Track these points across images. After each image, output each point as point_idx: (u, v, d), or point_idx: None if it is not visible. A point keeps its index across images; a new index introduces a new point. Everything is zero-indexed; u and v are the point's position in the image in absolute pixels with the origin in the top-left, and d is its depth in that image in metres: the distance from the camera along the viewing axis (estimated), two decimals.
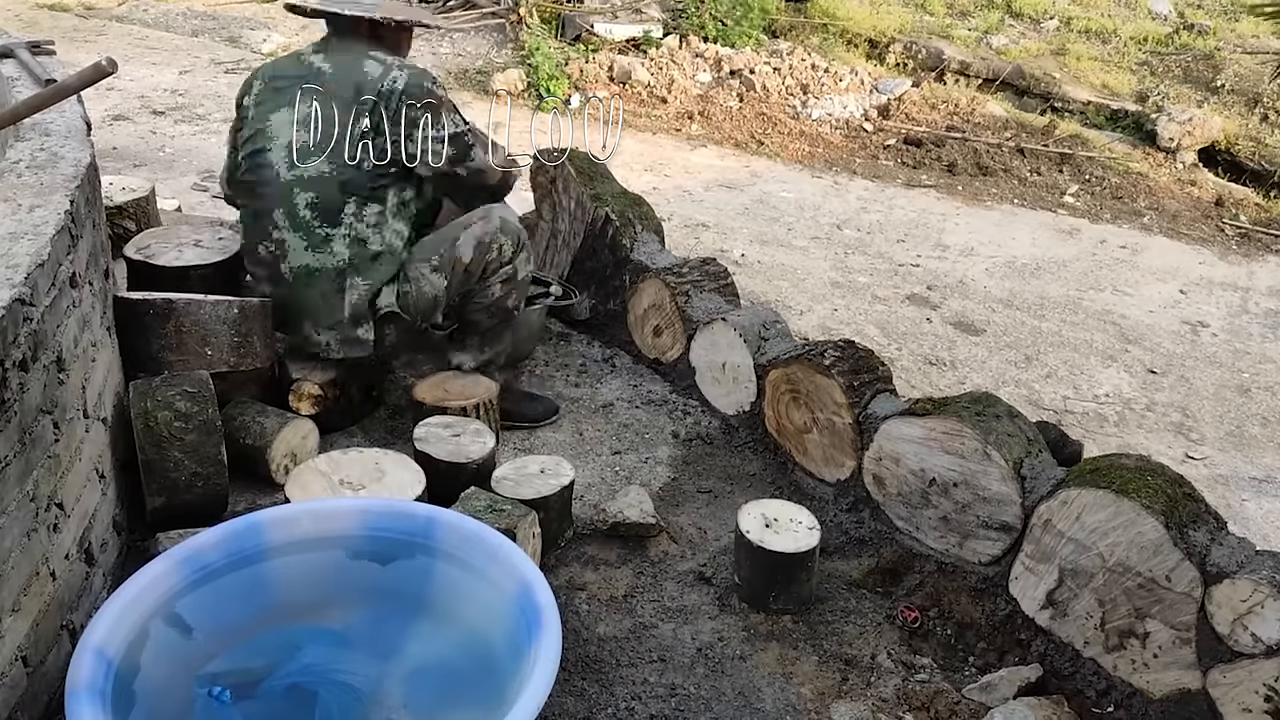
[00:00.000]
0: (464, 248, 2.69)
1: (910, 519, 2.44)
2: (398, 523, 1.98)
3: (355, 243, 2.60)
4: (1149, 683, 2.02)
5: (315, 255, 2.59)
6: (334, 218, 2.58)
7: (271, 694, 1.80)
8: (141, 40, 7.48)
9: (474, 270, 2.73)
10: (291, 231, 2.59)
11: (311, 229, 2.58)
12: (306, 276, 2.61)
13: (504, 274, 2.78)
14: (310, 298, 2.62)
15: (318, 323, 2.64)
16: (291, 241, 2.60)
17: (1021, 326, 4.56)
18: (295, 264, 2.61)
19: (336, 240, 2.59)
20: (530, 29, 7.72)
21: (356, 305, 2.63)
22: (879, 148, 6.90)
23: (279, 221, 2.60)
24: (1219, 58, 8.14)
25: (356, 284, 2.62)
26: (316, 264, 2.60)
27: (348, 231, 2.59)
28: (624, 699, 2.05)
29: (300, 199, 2.57)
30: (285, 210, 2.59)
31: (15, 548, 1.60)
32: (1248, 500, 3.46)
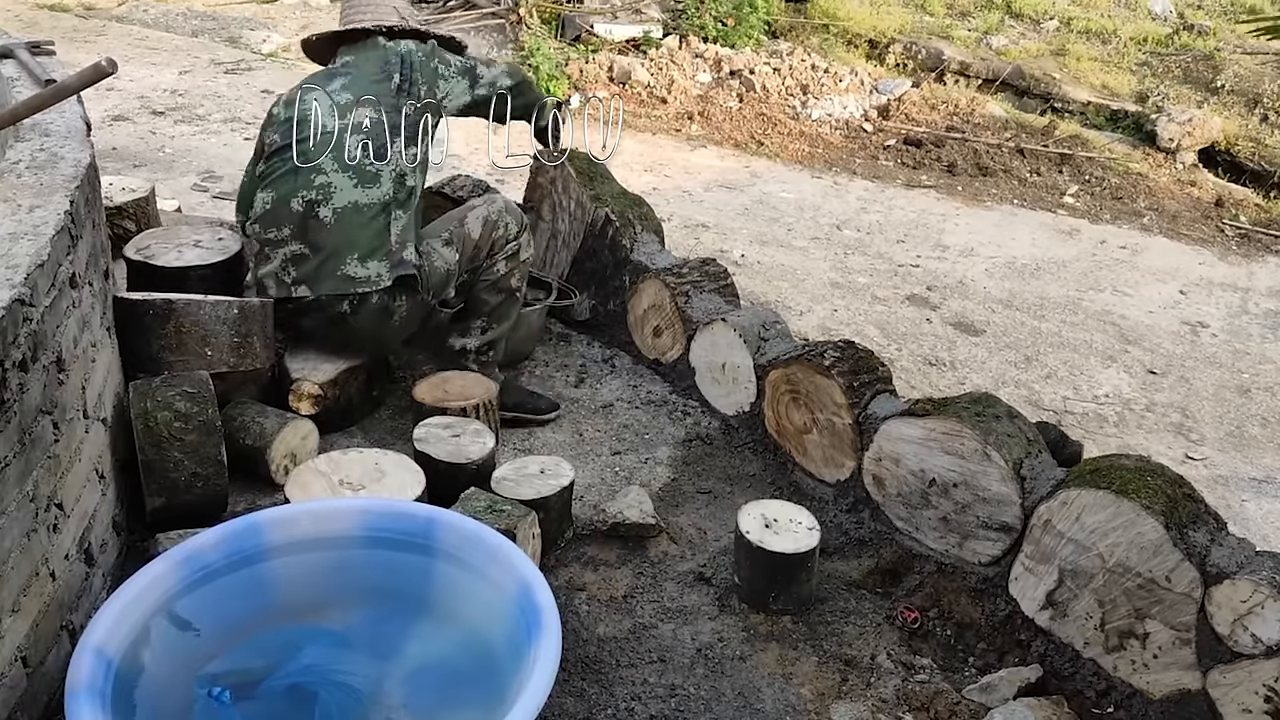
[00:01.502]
0: (472, 225, 2.88)
1: (910, 519, 2.44)
2: (398, 523, 1.98)
3: (397, 178, 2.76)
4: (1149, 683, 2.02)
5: (364, 191, 2.71)
6: (383, 153, 2.75)
7: (271, 694, 1.80)
8: (141, 40, 7.48)
9: (483, 246, 2.89)
10: (340, 173, 2.72)
11: (362, 166, 2.73)
12: (354, 213, 2.70)
13: (509, 250, 2.93)
14: (358, 234, 2.70)
15: (366, 257, 2.69)
16: (339, 182, 2.71)
17: (1021, 327, 4.56)
18: (341, 203, 2.69)
19: (384, 175, 2.74)
20: (530, 29, 7.72)
21: (401, 234, 2.74)
22: (879, 148, 6.90)
23: (325, 167, 2.72)
24: (1219, 58, 8.14)
25: (399, 216, 2.75)
26: (365, 199, 2.71)
27: (394, 167, 2.75)
28: (624, 699, 2.05)
29: (351, 141, 2.74)
30: (334, 155, 2.73)
31: (15, 548, 1.60)
32: (1248, 500, 3.46)
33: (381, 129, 2.76)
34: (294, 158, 2.74)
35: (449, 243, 2.83)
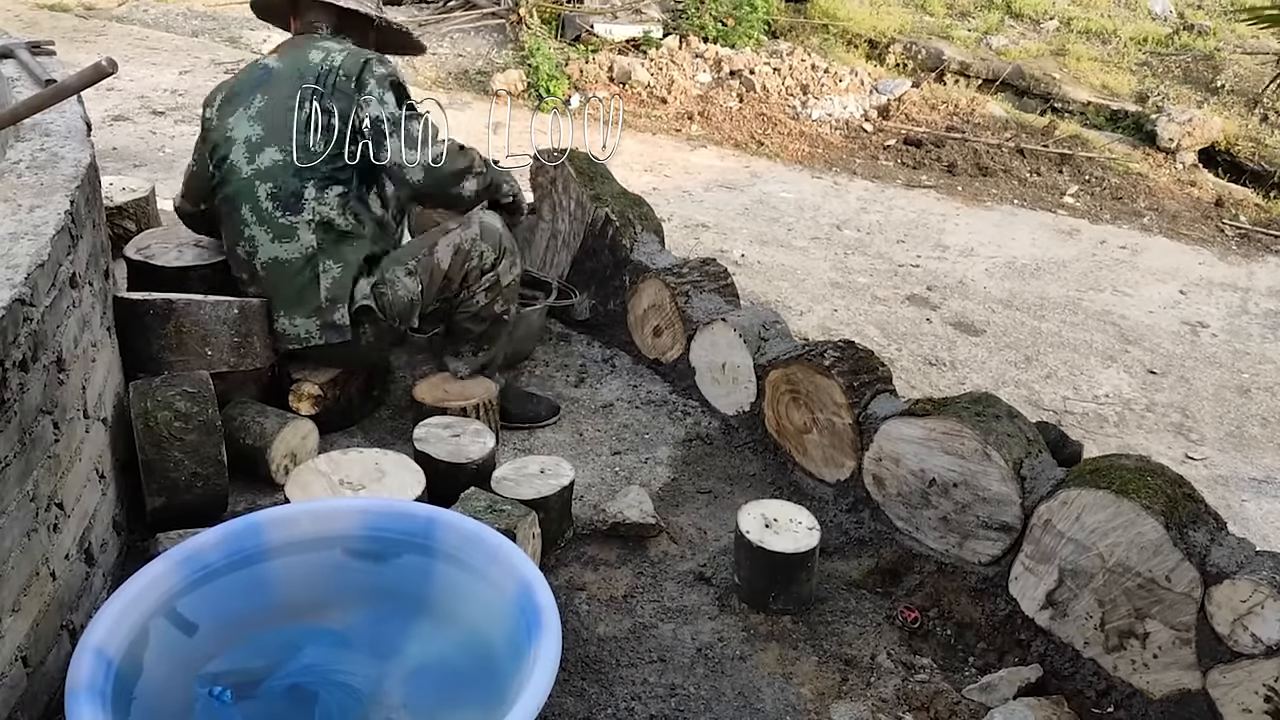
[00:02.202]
0: (442, 254, 2.70)
1: (910, 519, 2.44)
2: (398, 523, 1.98)
3: (320, 227, 2.57)
4: (1149, 683, 2.02)
5: (282, 245, 2.58)
6: (295, 205, 2.56)
7: (272, 694, 1.81)
8: (141, 40, 7.48)
9: (454, 278, 2.72)
10: (258, 226, 2.58)
11: (275, 220, 2.57)
12: (277, 268, 2.59)
13: (486, 282, 2.76)
14: (284, 289, 2.60)
15: (295, 312, 2.61)
16: (259, 236, 2.59)
17: (1021, 327, 4.56)
18: (264, 258, 2.59)
19: (301, 228, 2.57)
20: (530, 29, 7.72)
21: (331, 289, 2.59)
22: (879, 148, 6.90)
23: (247, 218, 2.59)
24: (1219, 58, 8.14)
25: (329, 267, 2.59)
26: (285, 254, 2.58)
27: (311, 217, 2.56)
28: (624, 699, 2.05)
29: (261, 191, 2.57)
30: (250, 206, 2.58)
31: (15, 548, 1.60)
32: (1248, 500, 3.46)
33: (289, 175, 2.55)
34: (223, 201, 2.64)
35: (412, 273, 2.66)
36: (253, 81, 2.66)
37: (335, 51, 2.62)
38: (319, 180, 2.57)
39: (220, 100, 2.69)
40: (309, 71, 2.58)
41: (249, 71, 2.72)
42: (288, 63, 2.64)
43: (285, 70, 2.62)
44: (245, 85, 2.67)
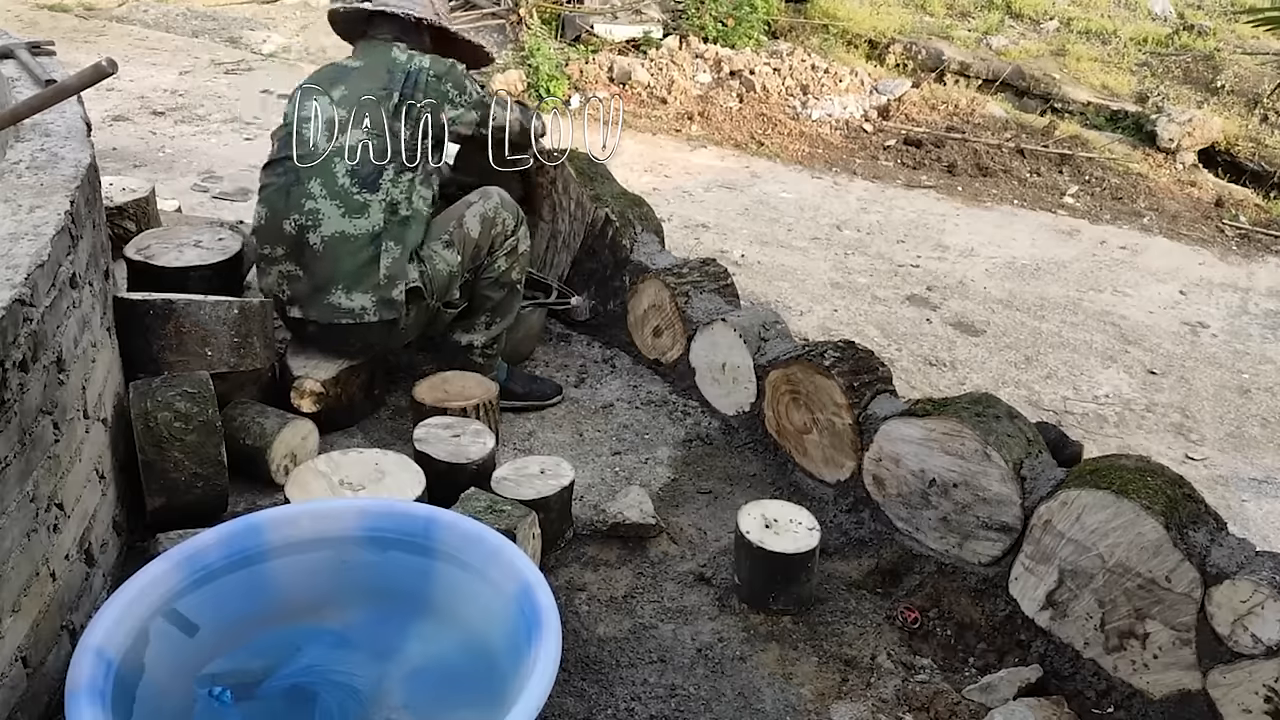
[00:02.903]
0: (471, 224, 2.83)
1: (910, 520, 2.44)
2: (397, 523, 1.98)
3: (389, 208, 2.67)
4: (1149, 683, 2.02)
5: (352, 221, 2.64)
6: (373, 183, 2.66)
7: (272, 694, 1.81)
8: (141, 41, 7.48)
9: (483, 244, 2.86)
10: (328, 199, 2.65)
11: (350, 195, 2.65)
12: (341, 243, 2.64)
13: (508, 246, 2.91)
14: (345, 264, 2.65)
15: (352, 288, 2.66)
16: (326, 209, 2.64)
17: (1021, 327, 4.56)
18: (329, 231, 2.64)
19: (373, 206, 2.65)
20: (530, 29, 7.71)
21: (391, 268, 2.67)
22: (879, 148, 6.90)
23: (314, 191, 2.65)
24: (1219, 58, 8.14)
25: (390, 248, 2.67)
26: (353, 230, 2.64)
27: (384, 197, 2.66)
28: (624, 699, 2.05)
29: (339, 167, 2.65)
30: (323, 180, 2.65)
31: (15, 548, 1.60)
32: (1248, 501, 3.46)
33: (370, 153, 2.66)
34: (284, 174, 2.69)
35: (449, 244, 2.79)
36: (332, 76, 2.79)
37: (417, 55, 2.78)
38: (397, 165, 2.69)
39: (299, 96, 2.78)
40: (397, 68, 2.73)
41: (326, 70, 2.85)
42: (368, 61, 2.78)
43: (368, 66, 2.76)
44: (324, 79, 2.79)
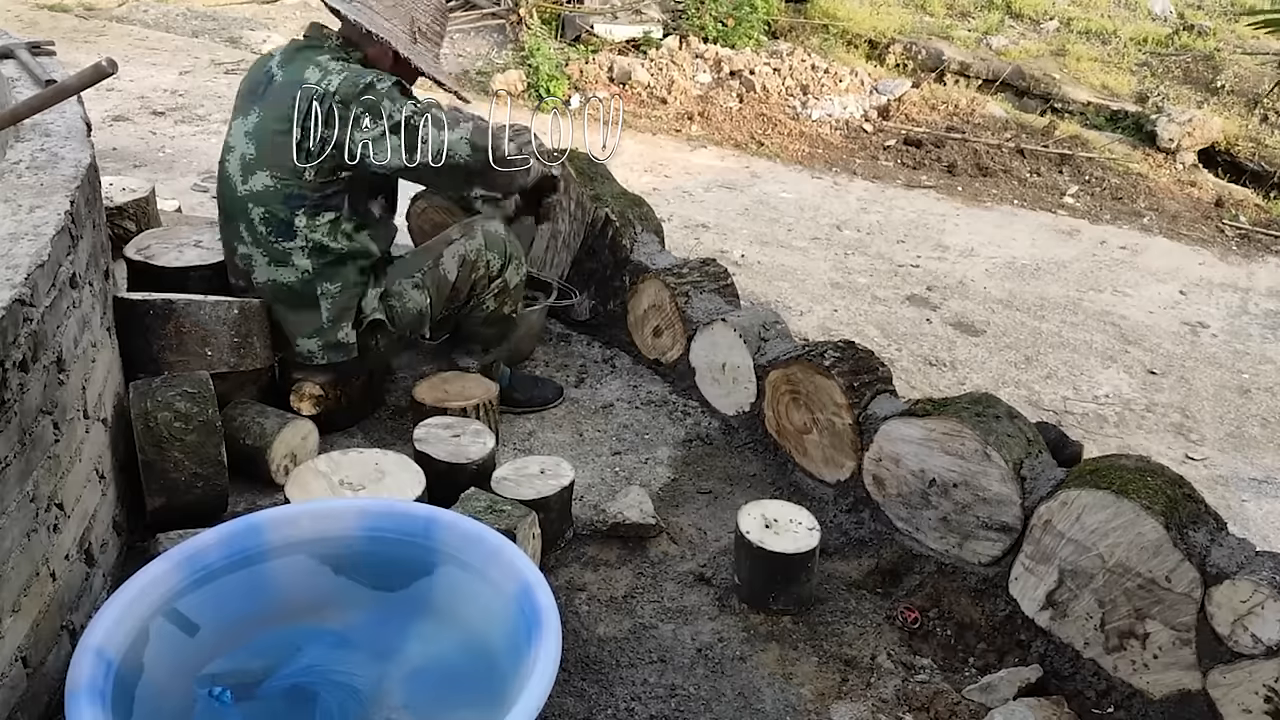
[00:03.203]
0: (448, 266, 2.69)
1: (910, 520, 2.44)
2: (397, 523, 1.98)
3: (315, 252, 2.53)
4: (1149, 683, 2.02)
5: (277, 270, 2.55)
6: (287, 231, 2.51)
7: (272, 694, 1.81)
8: (141, 41, 7.48)
9: (462, 288, 2.73)
10: (253, 247, 2.56)
11: (270, 244, 2.54)
12: (276, 290, 2.58)
13: (495, 288, 2.78)
14: (283, 311, 2.60)
15: (296, 333, 2.61)
16: (255, 256, 2.57)
17: (1021, 327, 4.56)
18: (262, 279, 2.58)
19: (295, 254, 2.53)
20: (530, 29, 7.72)
21: (332, 310, 2.58)
22: (879, 148, 6.90)
23: (243, 235, 2.57)
24: (1219, 58, 8.15)
25: (328, 290, 2.57)
26: (282, 278, 2.56)
27: (304, 243, 2.52)
28: (624, 699, 2.05)
29: (254, 214, 2.52)
30: (245, 225, 2.55)
31: (15, 548, 1.60)
32: (1248, 501, 3.46)
33: (278, 203, 2.48)
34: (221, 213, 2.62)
35: (419, 286, 2.66)
36: (253, 90, 2.57)
37: (333, 73, 2.43)
38: (309, 208, 2.50)
39: (239, 92, 2.63)
40: (303, 95, 2.42)
41: (258, 69, 2.61)
42: (286, 76, 2.49)
43: (281, 86, 2.48)
44: (251, 87, 2.59)
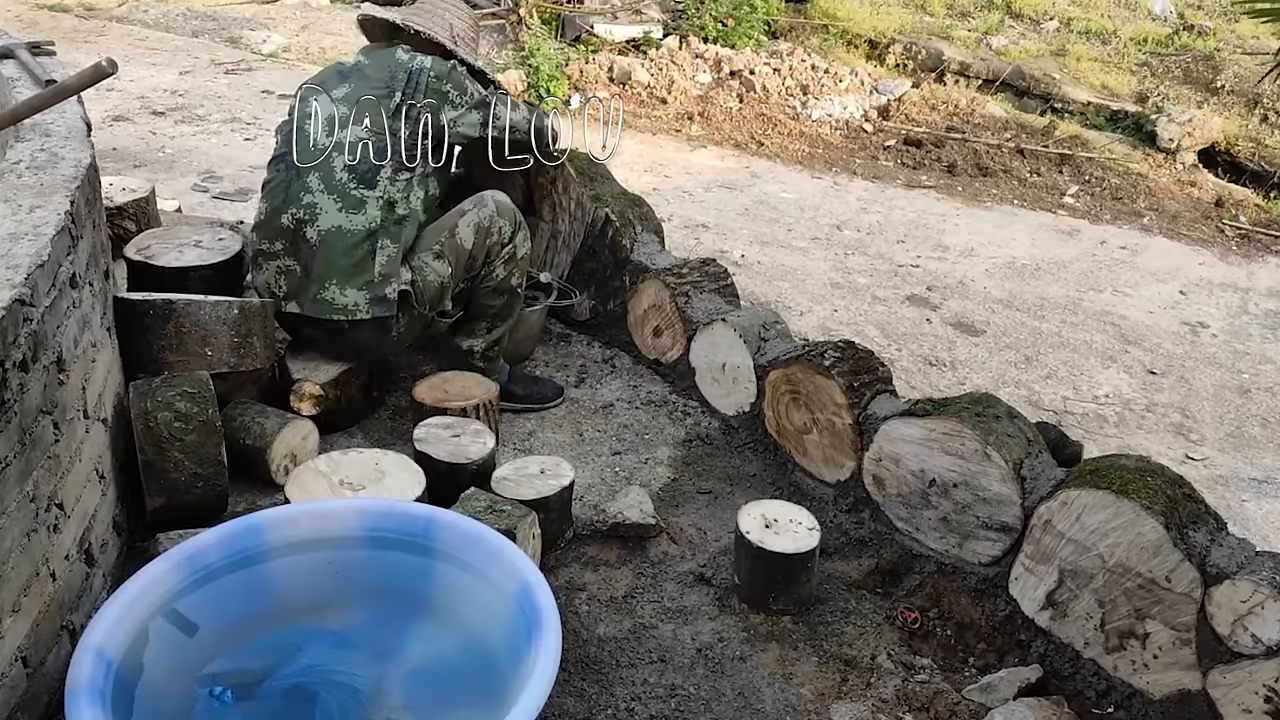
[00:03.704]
0: (464, 235, 2.79)
1: (910, 520, 2.44)
2: (397, 523, 1.98)
3: (386, 205, 2.68)
4: (1149, 683, 2.02)
5: (349, 216, 2.65)
6: (370, 180, 2.67)
7: (272, 694, 1.81)
8: (141, 41, 7.48)
9: (478, 255, 2.82)
10: (326, 194, 2.66)
11: (347, 191, 2.65)
12: (337, 238, 2.65)
13: (506, 254, 2.88)
14: (341, 259, 2.65)
15: (345, 283, 2.65)
16: (324, 204, 2.65)
17: (1021, 327, 4.56)
18: (326, 226, 2.65)
19: (370, 202, 2.66)
20: (530, 29, 7.72)
21: (385, 266, 2.67)
22: (879, 148, 6.90)
23: (312, 185, 2.66)
24: (1219, 58, 8.14)
25: (386, 245, 2.67)
26: (350, 225, 2.65)
27: (381, 194, 2.67)
28: (624, 699, 2.05)
29: (338, 162, 2.67)
30: (321, 174, 2.67)
31: (15, 548, 1.60)
32: (1248, 501, 3.46)
33: (369, 151, 2.68)
34: (285, 169, 2.71)
35: (440, 256, 2.75)
36: (336, 75, 2.82)
37: (420, 56, 2.78)
38: (394, 163, 2.70)
39: (303, 93, 2.80)
40: (399, 67, 2.74)
41: (331, 69, 2.88)
42: (374, 60, 2.80)
43: (372, 65, 2.78)
44: (328, 78, 2.83)
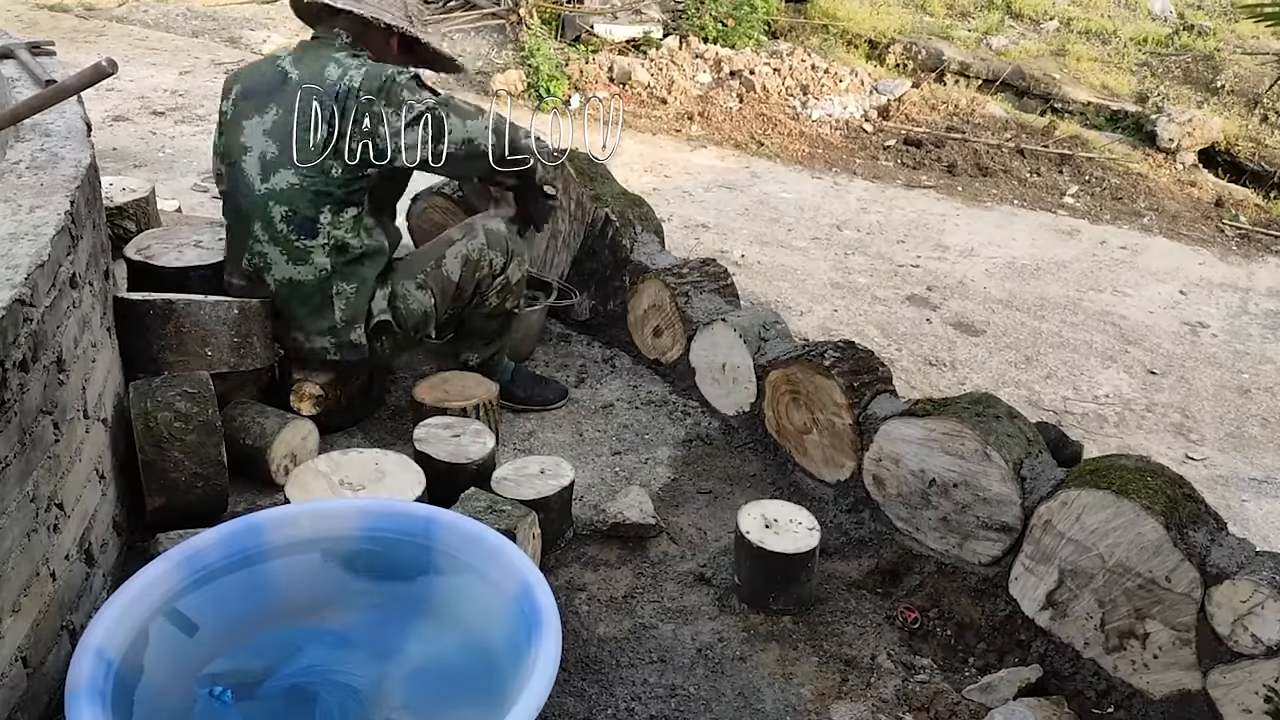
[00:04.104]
0: (451, 266, 2.71)
1: (910, 520, 2.44)
2: (397, 523, 1.98)
3: (335, 250, 2.55)
4: (1149, 683, 2.02)
5: (296, 268, 2.56)
6: (310, 228, 2.53)
7: (272, 694, 1.81)
8: (141, 41, 7.48)
9: (466, 287, 2.74)
10: (271, 245, 2.56)
11: (290, 243, 2.54)
12: (292, 289, 2.58)
13: (498, 285, 2.79)
14: (297, 309, 2.60)
15: (309, 330, 2.62)
16: (272, 255, 2.56)
17: (1021, 327, 4.56)
18: (279, 276, 2.58)
19: (316, 252, 2.54)
20: (530, 29, 7.71)
21: (346, 310, 2.60)
22: (879, 148, 6.90)
23: (259, 234, 2.56)
24: (1219, 58, 8.14)
25: (343, 290, 2.58)
26: (300, 276, 2.57)
27: (325, 241, 2.54)
28: (624, 699, 2.05)
29: (275, 212, 2.53)
30: (262, 224, 2.55)
31: (15, 548, 1.60)
32: (1248, 501, 3.46)
33: (304, 200, 2.50)
34: (234, 214, 2.61)
35: (423, 286, 2.67)
36: (268, 84, 2.56)
37: (352, 69, 2.48)
38: (334, 204, 2.53)
39: (236, 93, 2.61)
40: (326, 91, 2.46)
41: (265, 69, 2.61)
42: (303, 73, 2.52)
43: (299, 82, 2.50)
44: (261, 86, 2.57)
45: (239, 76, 2.66)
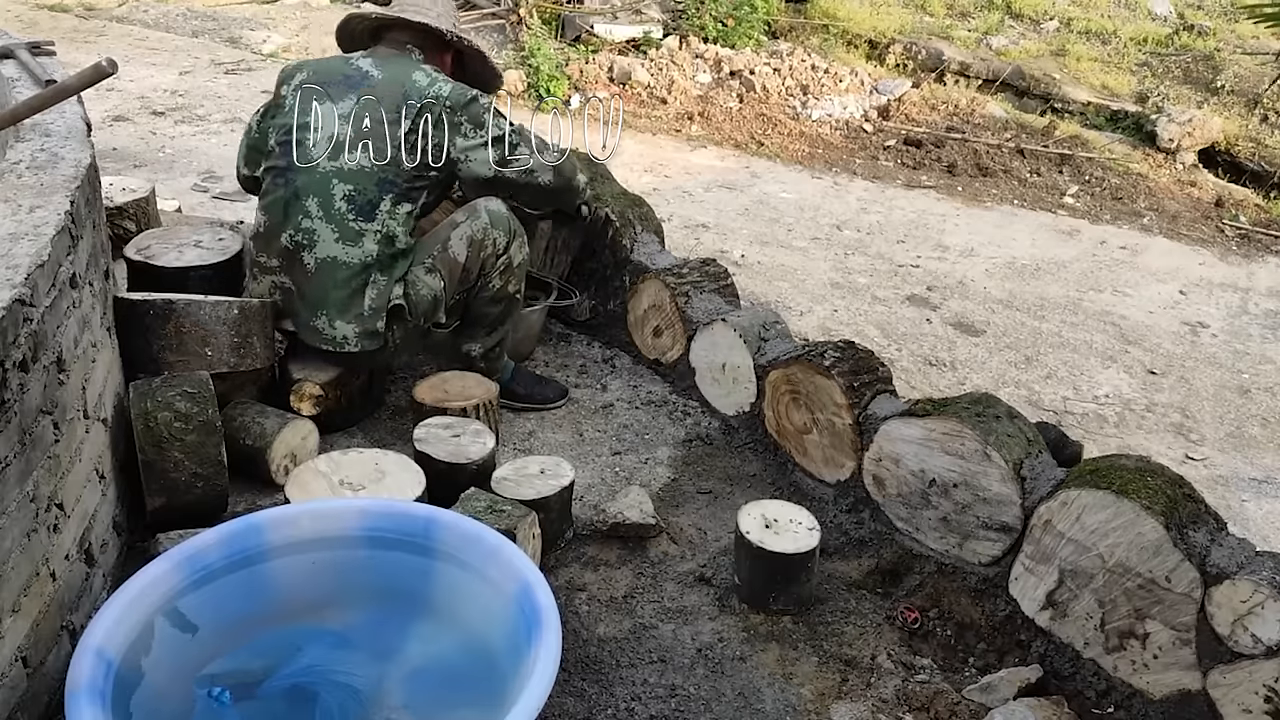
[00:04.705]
0: (456, 248, 2.74)
1: (910, 520, 2.44)
2: (397, 523, 1.98)
3: (385, 240, 2.63)
4: (1149, 683, 2.02)
5: (345, 248, 2.60)
6: (370, 212, 2.61)
7: (272, 695, 1.81)
8: (141, 41, 7.48)
9: (472, 268, 2.78)
10: (324, 222, 2.60)
11: (345, 222, 2.60)
12: (332, 269, 2.61)
13: (500, 265, 2.83)
14: (332, 291, 2.62)
15: (337, 316, 2.63)
16: (322, 232, 2.61)
17: (1021, 327, 4.56)
18: (322, 255, 2.61)
19: (368, 236, 2.61)
20: (530, 29, 7.72)
21: (376, 300, 2.64)
22: (879, 148, 6.90)
23: (311, 210, 2.61)
24: (1219, 58, 8.14)
25: (379, 280, 2.63)
26: (345, 257, 2.61)
27: (380, 228, 2.62)
28: (624, 699, 2.05)
29: (338, 190, 2.60)
30: (320, 199, 2.60)
31: (15, 548, 1.60)
32: (1248, 501, 3.46)
33: (371, 183, 2.60)
34: (284, 187, 2.64)
35: (432, 270, 2.71)
36: (345, 80, 2.68)
37: (440, 80, 2.67)
38: (396, 195, 2.63)
39: (300, 81, 2.69)
40: (414, 92, 2.63)
41: (338, 66, 2.72)
42: (388, 74, 2.67)
43: (385, 80, 2.66)
44: (335, 80, 2.68)
45: (301, 67, 2.77)
